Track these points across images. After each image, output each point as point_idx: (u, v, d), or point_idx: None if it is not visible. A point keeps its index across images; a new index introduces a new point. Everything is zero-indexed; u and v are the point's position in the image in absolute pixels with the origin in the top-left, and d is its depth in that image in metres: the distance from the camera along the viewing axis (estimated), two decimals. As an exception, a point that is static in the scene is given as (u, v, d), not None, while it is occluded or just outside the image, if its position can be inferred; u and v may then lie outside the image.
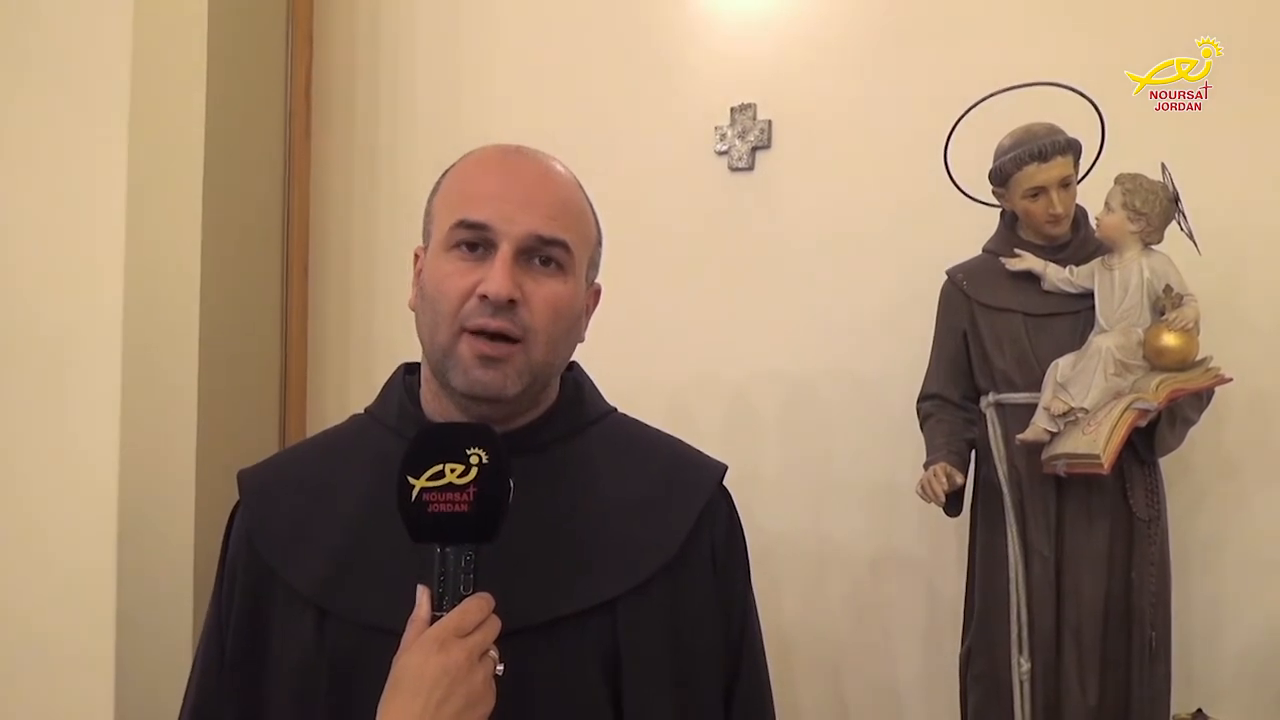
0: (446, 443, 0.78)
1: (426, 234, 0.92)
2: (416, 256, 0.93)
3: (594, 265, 0.95)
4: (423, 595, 0.76)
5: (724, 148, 2.35)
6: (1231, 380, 1.62)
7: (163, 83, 2.27)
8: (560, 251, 0.87)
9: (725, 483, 0.98)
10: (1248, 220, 1.93)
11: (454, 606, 0.75)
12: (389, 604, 0.81)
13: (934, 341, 1.87)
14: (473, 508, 0.76)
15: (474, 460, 0.77)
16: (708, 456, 0.99)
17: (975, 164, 1.79)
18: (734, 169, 2.34)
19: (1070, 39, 2.06)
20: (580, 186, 0.93)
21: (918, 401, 1.89)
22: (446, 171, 0.93)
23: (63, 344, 2.22)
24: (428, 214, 0.92)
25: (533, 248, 0.86)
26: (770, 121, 2.32)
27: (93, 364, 2.19)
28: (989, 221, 1.87)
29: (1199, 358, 1.61)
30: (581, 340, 0.95)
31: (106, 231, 2.19)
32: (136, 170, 2.20)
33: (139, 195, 2.20)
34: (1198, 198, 1.85)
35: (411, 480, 0.76)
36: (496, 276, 0.83)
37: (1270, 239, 1.94)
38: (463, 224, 0.85)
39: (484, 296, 0.83)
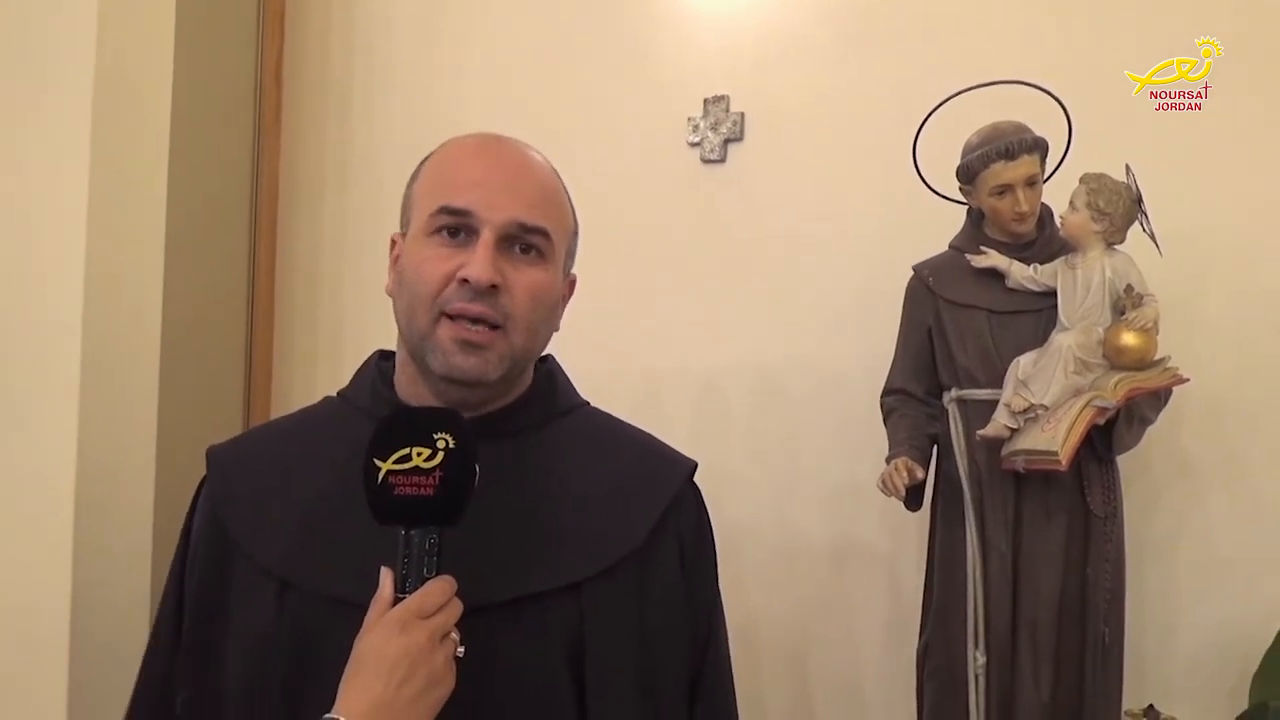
0: (413, 426, 0.79)
1: (405, 220, 0.92)
2: (393, 243, 0.94)
3: (571, 255, 0.97)
4: (385, 577, 0.77)
5: (696, 139, 2.35)
6: (1189, 380, 1.64)
7: (128, 62, 2.23)
8: (541, 239, 0.88)
9: (696, 477, 0.99)
10: (1242, 221, 1.95)
11: (417, 588, 0.76)
12: (351, 577, 0.82)
13: (899, 336, 1.88)
14: (438, 491, 0.77)
15: (440, 445, 0.78)
16: (678, 452, 1.00)
17: (948, 160, 1.79)
18: (706, 161, 2.34)
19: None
20: (559, 176, 0.94)
21: (882, 396, 1.89)
22: (426, 158, 0.94)
23: (20, 324, 2.18)
24: (406, 200, 0.92)
25: (514, 235, 0.87)
26: (743, 114, 2.32)
27: (51, 346, 2.14)
28: (959, 216, 1.88)
29: (1157, 357, 1.63)
30: (557, 329, 0.96)
31: (68, 212, 2.14)
32: (100, 151, 2.15)
33: (102, 177, 2.16)
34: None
35: (378, 463, 0.77)
36: (478, 262, 0.83)
37: (1242, 240, 1.95)
38: (445, 210, 0.86)
39: (465, 281, 0.84)
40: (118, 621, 2.14)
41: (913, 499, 1.79)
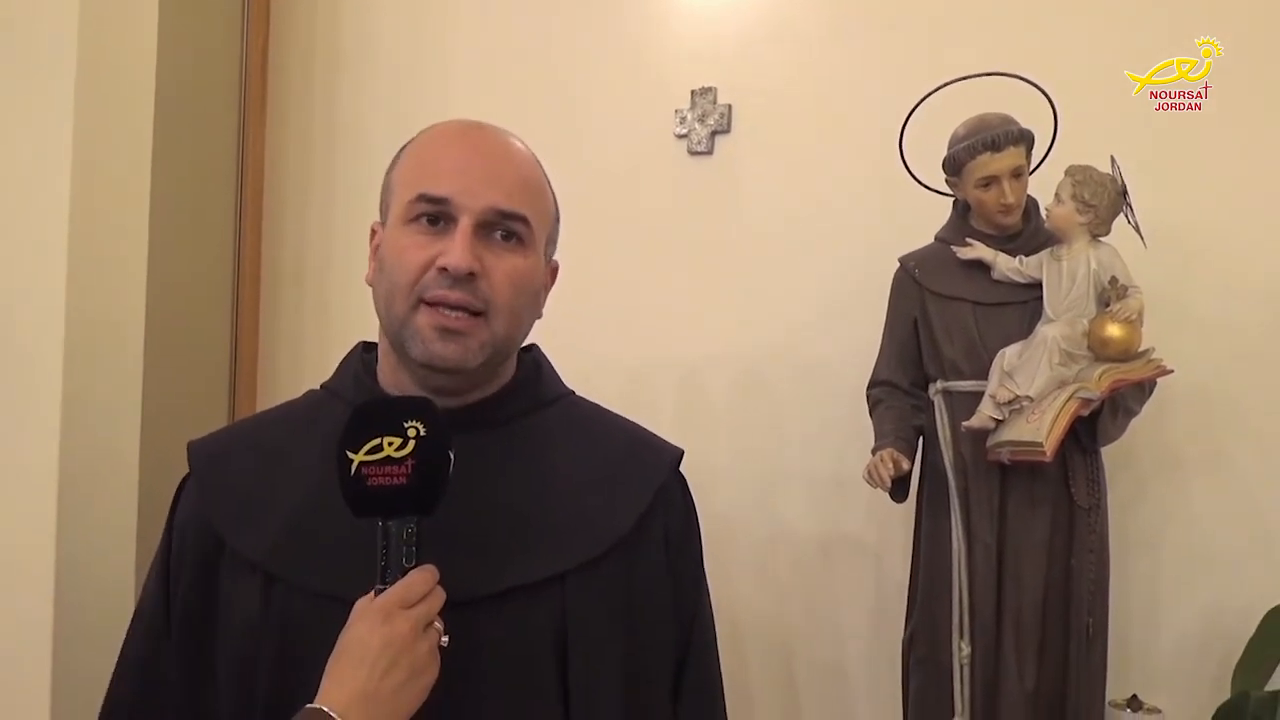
0: (384, 417, 0.78)
1: (384, 208, 0.92)
2: (374, 232, 0.93)
3: (552, 242, 0.96)
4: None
5: (684, 131, 2.34)
6: (1173, 372, 1.64)
7: (112, 49, 2.20)
8: (520, 226, 0.87)
9: (681, 468, 0.98)
10: (1226, 214, 1.95)
11: (397, 579, 0.76)
12: (336, 572, 0.82)
13: (885, 328, 1.89)
14: (411, 480, 0.77)
15: (411, 433, 0.77)
16: (664, 440, 1.00)
17: (935, 152, 1.79)
18: (693, 153, 2.34)
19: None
20: (539, 163, 0.94)
21: (868, 388, 1.90)
22: (405, 146, 0.93)
23: (3, 316, 2.16)
24: (386, 188, 0.92)
25: (493, 222, 0.86)
26: (730, 106, 2.31)
27: (34, 336, 2.12)
28: (945, 208, 1.88)
29: (1142, 349, 1.63)
30: (539, 316, 0.95)
31: (51, 202, 2.12)
32: (83, 138, 2.13)
33: (85, 165, 2.13)
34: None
35: (350, 455, 0.77)
36: (457, 249, 0.83)
37: (1227, 233, 1.96)
38: (423, 198, 0.85)
39: (443, 269, 0.83)
40: (101, 614, 2.12)
41: (898, 490, 1.80)
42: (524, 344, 0.97)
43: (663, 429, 1.00)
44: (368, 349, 0.97)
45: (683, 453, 0.98)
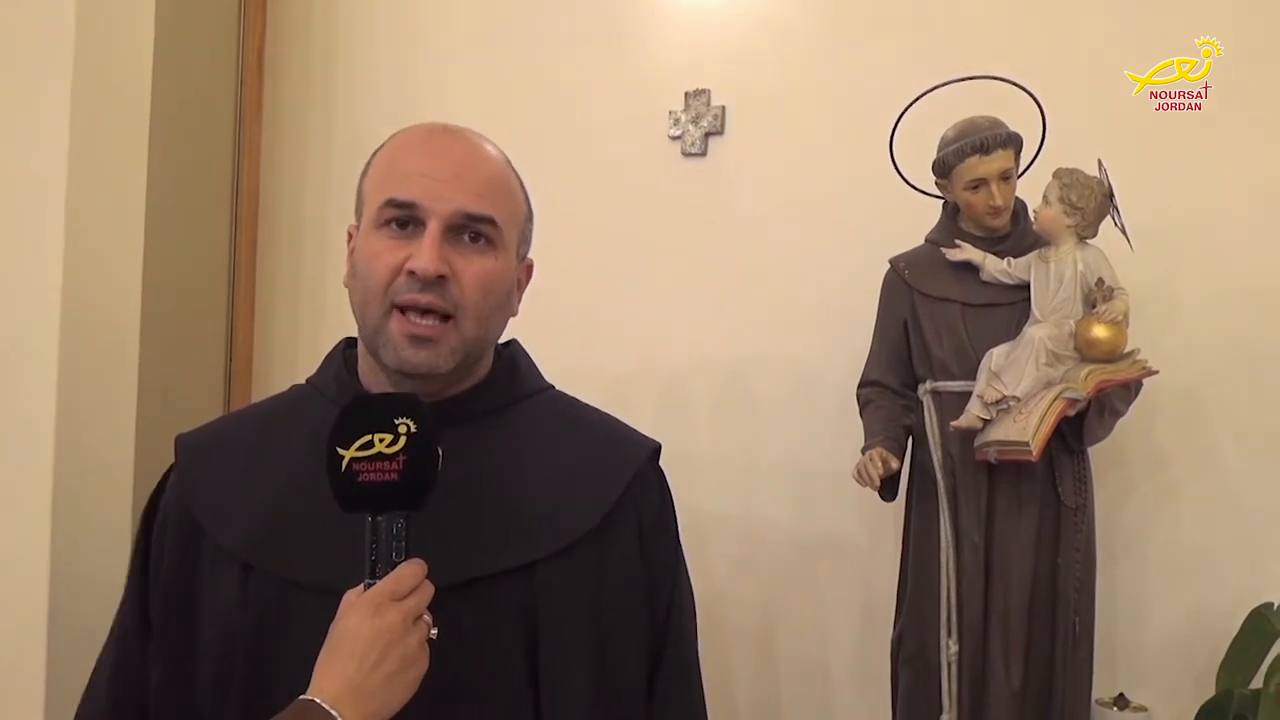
0: (375, 413, 0.80)
1: (358, 213, 0.93)
2: (350, 236, 0.95)
3: (525, 240, 0.97)
4: None
5: (677, 132, 2.35)
6: (1158, 373, 1.65)
7: (108, 51, 2.21)
8: (489, 228, 0.89)
9: (669, 466, 0.99)
10: (1213, 216, 1.96)
11: (387, 574, 0.77)
12: (314, 560, 0.84)
13: (876, 329, 1.90)
14: (402, 476, 0.78)
15: (402, 430, 0.78)
16: (640, 434, 1.01)
17: (928, 154, 1.80)
18: (687, 154, 2.35)
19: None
20: (509, 163, 0.95)
21: (858, 388, 1.91)
22: (375, 152, 0.95)
23: (-1, 315, 2.16)
24: (358, 194, 0.94)
25: (461, 225, 0.88)
26: (724, 107, 2.33)
27: (29, 334, 2.13)
28: (935, 211, 1.89)
29: (1127, 350, 1.65)
30: (514, 314, 0.97)
31: (46, 201, 2.12)
32: (79, 141, 2.13)
33: (81, 167, 2.14)
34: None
35: (341, 451, 0.78)
36: (425, 253, 0.85)
37: (1214, 234, 1.97)
38: (391, 203, 0.87)
39: (412, 273, 0.85)
40: (96, 614, 2.11)
41: (888, 489, 1.81)
42: (503, 339, 0.98)
43: (649, 429, 1.01)
44: (350, 345, 0.99)
45: (659, 445, 0.99)
